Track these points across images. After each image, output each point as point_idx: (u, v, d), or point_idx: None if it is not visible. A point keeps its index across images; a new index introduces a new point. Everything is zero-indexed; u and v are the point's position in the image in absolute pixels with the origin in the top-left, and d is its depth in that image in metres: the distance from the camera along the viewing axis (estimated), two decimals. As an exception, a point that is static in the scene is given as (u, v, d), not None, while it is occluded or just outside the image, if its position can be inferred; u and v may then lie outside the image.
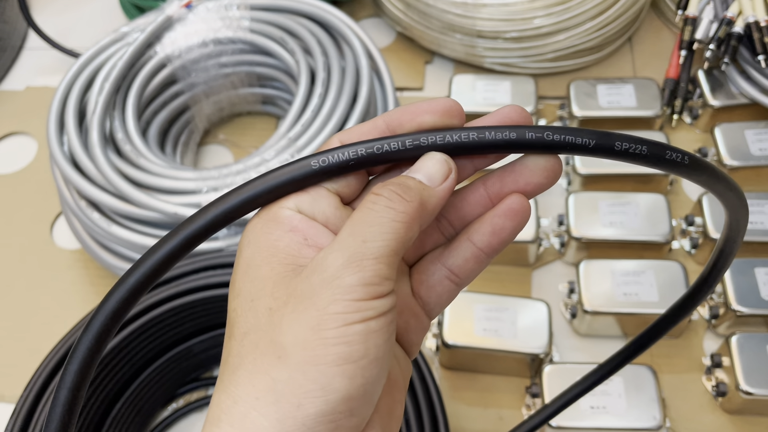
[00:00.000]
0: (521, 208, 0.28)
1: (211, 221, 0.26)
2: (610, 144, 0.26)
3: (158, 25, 0.71)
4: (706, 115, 0.73)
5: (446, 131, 0.27)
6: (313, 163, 0.26)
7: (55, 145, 0.65)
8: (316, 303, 0.23)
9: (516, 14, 0.76)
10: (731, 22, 0.71)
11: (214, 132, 0.82)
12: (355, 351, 0.23)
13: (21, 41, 0.95)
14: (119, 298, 0.25)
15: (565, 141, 0.26)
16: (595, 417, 0.54)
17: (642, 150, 0.26)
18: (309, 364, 0.23)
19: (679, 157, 0.26)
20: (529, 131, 0.26)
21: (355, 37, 0.70)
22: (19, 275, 0.72)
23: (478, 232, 0.29)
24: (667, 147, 0.26)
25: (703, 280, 0.34)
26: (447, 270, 0.29)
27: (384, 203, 0.25)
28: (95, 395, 0.54)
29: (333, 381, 0.23)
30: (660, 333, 0.39)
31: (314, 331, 0.23)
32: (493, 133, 0.26)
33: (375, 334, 0.24)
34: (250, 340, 0.24)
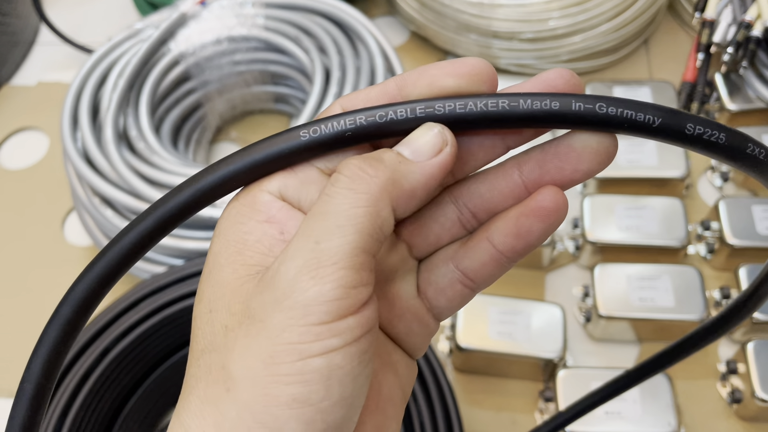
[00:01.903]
0: (555, 206, 0.23)
1: (183, 203, 0.22)
2: (680, 125, 0.21)
3: (173, 21, 0.71)
4: (723, 119, 0.73)
5: (469, 98, 0.21)
6: (303, 133, 0.22)
7: (68, 142, 0.65)
8: (267, 329, 0.19)
9: (532, 15, 0.76)
10: (750, 25, 0.70)
11: (227, 130, 0.82)
12: (314, 392, 0.19)
13: (33, 36, 0.95)
14: (86, 288, 0.22)
15: (623, 116, 0.21)
16: (609, 422, 0.54)
17: (719, 138, 0.21)
18: (258, 405, 0.19)
19: (763, 154, 0.21)
20: (577, 101, 0.21)
21: (371, 36, 0.69)
22: (29, 271, 0.72)
23: (500, 232, 0.24)
24: (750, 139, 0.21)
25: (741, 304, 0.30)
26: (460, 273, 0.25)
27: (343, 185, 0.20)
28: (107, 394, 0.54)
29: (285, 426, 0.19)
30: (684, 353, 0.34)
31: (266, 365, 0.19)
32: (529, 102, 0.21)
33: (340, 371, 0.19)
34: (205, 361, 0.21)
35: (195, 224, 0.61)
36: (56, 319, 0.22)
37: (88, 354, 0.53)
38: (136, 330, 0.54)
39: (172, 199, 0.22)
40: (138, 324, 0.54)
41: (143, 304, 0.55)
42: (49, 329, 0.22)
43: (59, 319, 0.22)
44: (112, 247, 0.22)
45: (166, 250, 0.62)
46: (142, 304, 0.55)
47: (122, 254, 0.22)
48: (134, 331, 0.54)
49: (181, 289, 0.56)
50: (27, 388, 0.22)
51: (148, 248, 0.22)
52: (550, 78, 0.22)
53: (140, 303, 0.55)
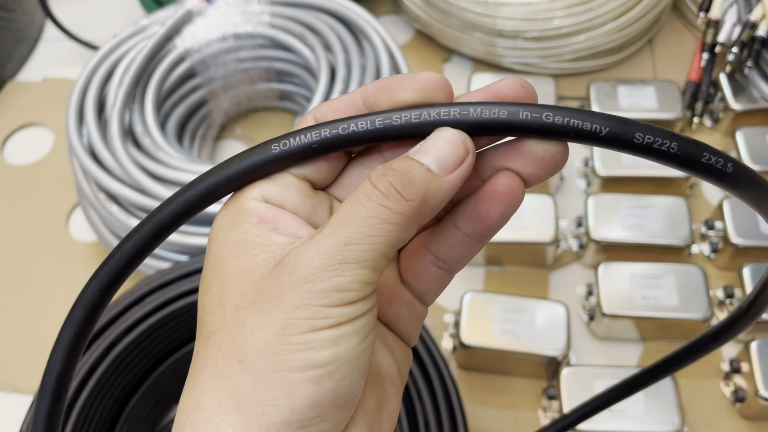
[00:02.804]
0: (509, 190, 0.24)
1: (172, 215, 0.24)
2: (628, 135, 0.21)
3: (178, 18, 0.71)
4: (727, 119, 0.73)
5: (423, 108, 0.23)
6: (274, 147, 0.24)
7: (74, 137, 0.65)
8: (282, 305, 0.21)
9: (537, 14, 0.76)
10: (755, 25, 0.70)
11: (231, 127, 0.82)
12: (322, 356, 0.21)
13: (38, 32, 0.95)
14: (96, 288, 0.25)
15: (570, 125, 0.22)
16: (613, 420, 0.54)
17: (671, 147, 0.21)
18: (271, 371, 0.21)
19: (720, 163, 0.21)
20: (525, 110, 0.22)
21: (376, 35, 0.69)
22: (34, 267, 0.72)
23: (463, 216, 0.25)
24: (705, 148, 0.22)
25: (744, 311, 0.29)
26: (432, 256, 0.27)
27: (378, 200, 0.22)
28: (112, 388, 0.54)
29: (298, 387, 0.21)
30: (688, 359, 0.34)
31: (277, 335, 0.21)
32: (479, 110, 0.22)
33: (345, 339, 0.22)
34: (215, 340, 0.23)
35: (199, 221, 0.61)
36: (79, 302, 0.24)
37: (94, 348, 0.53)
38: (141, 325, 0.54)
39: (165, 209, 0.24)
40: (143, 319, 0.55)
41: (149, 300, 0.55)
42: (67, 325, 0.25)
43: (82, 303, 0.24)
44: (116, 253, 0.24)
45: (171, 246, 0.62)
46: (147, 300, 0.55)
47: (127, 257, 0.24)
48: (140, 326, 0.54)
49: (186, 284, 0.56)
50: (48, 380, 0.24)
51: (148, 252, 0.24)
52: (500, 88, 0.24)
53: (146, 298, 0.55)
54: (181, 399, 0.23)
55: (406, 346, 0.28)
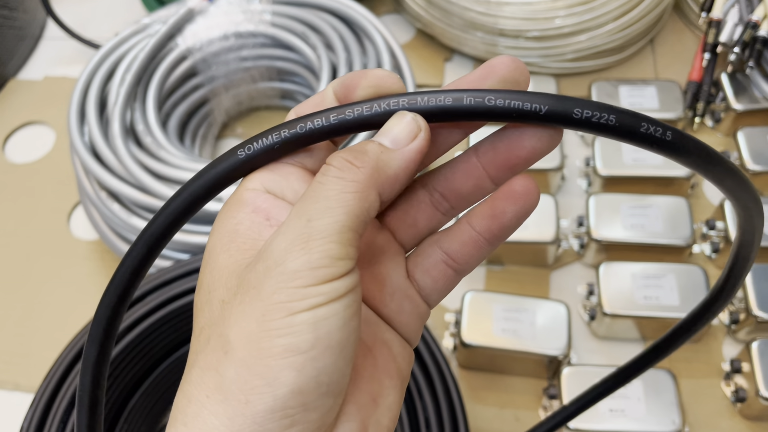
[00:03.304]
0: (525, 190, 0.25)
1: (158, 232, 0.25)
2: (567, 111, 0.22)
3: (180, 17, 0.71)
4: (729, 119, 0.73)
5: (374, 101, 0.24)
6: (240, 152, 0.25)
7: (76, 136, 0.65)
8: (260, 293, 0.22)
9: (538, 13, 0.76)
10: (756, 25, 0.70)
11: (232, 125, 0.82)
12: (303, 341, 0.21)
13: (40, 31, 0.95)
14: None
15: (510, 107, 0.23)
16: (614, 420, 0.54)
17: (609, 119, 0.22)
18: (254, 358, 0.21)
19: (659, 132, 0.22)
20: (468, 96, 0.23)
21: (378, 34, 0.69)
22: (35, 265, 0.72)
23: (478, 215, 0.26)
24: (644, 118, 0.22)
25: (720, 289, 0.31)
26: (443, 254, 0.27)
27: (333, 174, 0.23)
28: (113, 387, 0.54)
29: (280, 374, 0.21)
30: (679, 340, 0.36)
31: (259, 323, 0.22)
32: (426, 99, 0.24)
33: (326, 321, 0.21)
34: (205, 335, 0.23)
35: (200, 219, 0.61)
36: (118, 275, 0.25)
37: (95, 347, 0.53)
38: (142, 323, 0.54)
39: (155, 223, 0.25)
40: (144, 317, 0.55)
41: (150, 298, 0.55)
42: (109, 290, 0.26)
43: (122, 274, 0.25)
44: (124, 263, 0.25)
45: (173, 244, 0.62)
46: (148, 298, 0.55)
47: (132, 268, 0.26)
48: (141, 325, 0.54)
49: (187, 283, 0.56)
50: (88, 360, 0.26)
51: (150, 261, 0.26)
52: (493, 64, 0.24)
53: (147, 297, 0.55)
54: (176, 395, 0.24)
55: (407, 345, 0.28)
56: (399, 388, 0.26)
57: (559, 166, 0.68)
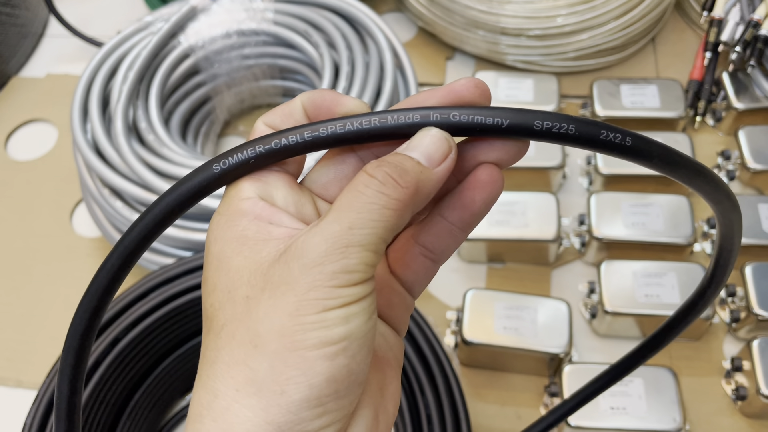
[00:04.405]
0: (490, 179, 0.26)
1: (132, 245, 0.26)
2: (527, 123, 0.23)
3: (182, 15, 0.71)
4: (730, 118, 0.73)
5: (347, 119, 0.25)
6: (215, 167, 0.26)
7: (78, 133, 0.65)
8: (294, 288, 0.23)
9: (540, 12, 0.76)
10: (758, 24, 0.70)
11: (234, 123, 0.82)
12: (335, 333, 0.23)
13: (42, 28, 0.95)
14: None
15: (474, 122, 0.24)
16: (615, 418, 0.54)
17: (569, 129, 0.23)
18: (288, 350, 0.22)
19: (619, 138, 0.23)
20: (435, 112, 0.24)
21: (380, 32, 0.70)
22: (38, 262, 0.72)
23: (449, 206, 0.27)
24: (602, 126, 0.23)
25: (709, 280, 0.32)
26: (421, 246, 0.28)
27: (376, 188, 0.23)
28: (116, 384, 0.54)
29: (315, 365, 0.22)
30: (673, 333, 0.37)
31: (292, 316, 0.23)
32: (396, 117, 0.25)
33: (355, 317, 0.23)
34: (227, 331, 0.24)
35: (201, 216, 0.62)
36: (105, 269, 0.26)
37: (98, 343, 0.53)
38: (145, 320, 0.54)
39: (129, 235, 0.26)
40: (147, 314, 0.55)
41: (152, 295, 0.55)
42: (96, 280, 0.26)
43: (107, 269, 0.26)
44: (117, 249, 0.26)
45: (175, 241, 0.62)
46: (151, 295, 0.55)
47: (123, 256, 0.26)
48: (144, 322, 0.54)
49: (190, 280, 0.56)
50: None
51: (125, 273, 0.26)
52: (455, 88, 0.26)
53: (150, 294, 0.56)
54: (193, 393, 0.24)
55: (397, 335, 0.29)
56: (397, 376, 0.28)
57: (560, 164, 0.68)
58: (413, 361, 0.52)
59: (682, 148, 0.68)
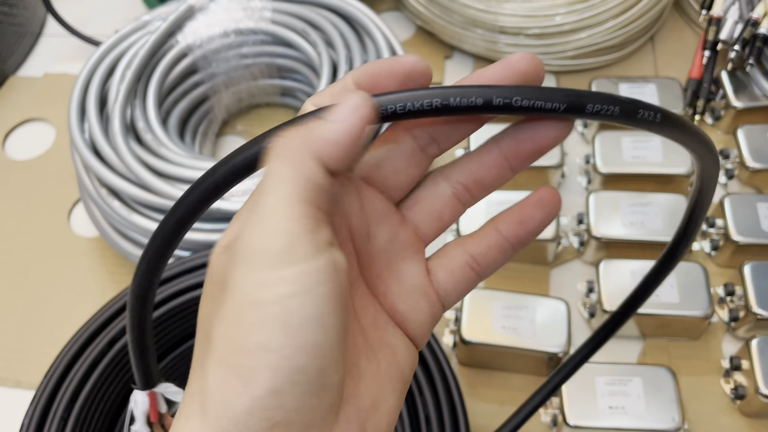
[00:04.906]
0: (551, 198, 0.28)
1: (195, 201, 0.27)
2: (581, 106, 0.25)
3: (180, 14, 0.71)
4: (729, 117, 0.73)
5: (406, 94, 0.25)
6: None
7: (76, 133, 0.65)
8: (232, 289, 0.21)
9: (538, 11, 0.76)
10: (757, 23, 0.70)
11: (233, 123, 0.82)
12: (274, 339, 0.20)
13: (40, 27, 0.95)
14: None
15: (534, 106, 0.25)
16: (613, 417, 0.54)
17: (614, 111, 0.25)
18: (231, 357, 0.21)
19: (651, 116, 0.26)
20: (498, 96, 0.25)
21: (378, 31, 0.69)
22: (35, 262, 0.72)
23: (506, 220, 0.28)
24: (640, 105, 0.26)
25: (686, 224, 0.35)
26: (469, 256, 0.28)
27: (272, 155, 0.22)
28: (114, 384, 0.54)
29: (256, 373, 0.20)
30: (650, 289, 0.41)
31: (233, 320, 0.21)
32: (458, 99, 0.25)
33: (297, 317, 0.20)
34: (199, 337, 0.24)
35: (202, 217, 0.61)
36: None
37: (96, 343, 0.53)
38: (143, 320, 0.54)
39: (196, 189, 0.27)
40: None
41: (150, 295, 0.55)
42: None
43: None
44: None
45: (173, 241, 0.62)
46: (149, 295, 0.55)
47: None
48: (141, 322, 0.54)
49: (189, 280, 0.56)
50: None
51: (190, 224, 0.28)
52: (513, 60, 0.25)
53: (147, 294, 0.55)
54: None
55: (413, 349, 0.27)
56: (401, 391, 0.26)
57: (559, 163, 0.68)
58: (412, 360, 0.52)
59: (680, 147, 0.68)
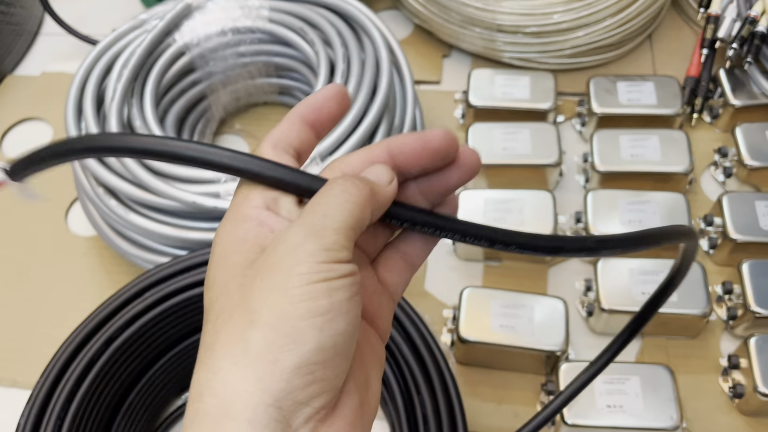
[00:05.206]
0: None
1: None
2: (559, 248, 0.29)
3: (177, 12, 0.71)
4: (727, 115, 0.73)
5: (428, 218, 0.30)
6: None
7: (73, 132, 0.65)
8: (281, 268, 0.25)
9: (536, 9, 0.76)
10: (755, 20, 0.70)
11: (230, 122, 0.82)
12: (321, 306, 0.25)
13: (37, 26, 0.95)
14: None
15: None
16: (612, 416, 0.54)
17: (590, 247, 0.30)
18: (279, 321, 0.25)
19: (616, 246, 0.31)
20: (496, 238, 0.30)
21: (376, 30, 0.69)
22: (33, 261, 0.72)
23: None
24: (608, 244, 0.30)
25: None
26: (401, 252, 0.33)
27: (340, 187, 0.27)
28: (111, 383, 0.54)
29: (304, 333, 0.24)
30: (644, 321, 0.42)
31: (281, 291, 0.25)
32: (470, 239, 0.29)
33: (338, 292, 0.25)
34: (224, 317, 0.26)
35: (198, 215, 0.61)
36: None
37: (93, 342, 0.53)
38: (140, 319, 0.54)
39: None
40: (142, 313, 0.54)
41: (147, 294, 0.55)
42: None
43: None
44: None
45: (170, 240, 0.62)
46: (146, 294, 0.55)
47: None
48: (139, 321, 0.54)
49: (185, 279, 0.56)
50: None
51: None
52: (429, 136, 0.30)
53: (144, 292, 0.55)
54: (193, 377, 0.26)
55: (380, 342, 0.32)
56: (379, 378, 0.31)
57: (557, 162, 0.68)
58: (409, 359, 0.52)
59: (679, 144, 0.68)
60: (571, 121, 0.77)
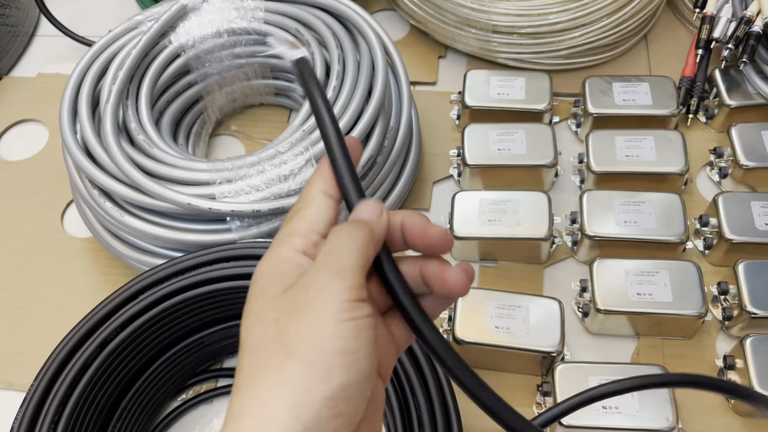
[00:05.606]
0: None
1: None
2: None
3: (173, 14, 0.70)
4: (722, 115, 0.73)
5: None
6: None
7: (68, 134, 0.65)
8: (314, 307, 0.29)
9: (532, 10, 0.76)
10: (750, 20, 0.70)
11: (226, 123, 0.82)
12: (350, 345, 0.28)
13: (33, 28, 0.95)
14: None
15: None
16: (607, 417, 0.54)
17: None
18: (314, 357, 0.27)
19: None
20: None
21: (371, 31, 0.69)
22: (29, 263, 0.72)
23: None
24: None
25: None
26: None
27: (345, 232, 0.31)
28: (106, 385, 0.54)
29: (334, 370, 0.27)
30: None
31: (315, 329, 0.28)
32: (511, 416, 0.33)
33: (364, 332, 0.28)
34: (262, 348, 0.29)
35: (193, 218, 0.61)
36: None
37: (88, 344, 0.53)
38: (135, 322, 0.54)
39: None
40: (138, 316, 0.54)
41: (143, 296, 0.55)
42: None
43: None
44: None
45: (165, 242, 0.62)
46: (141, 296, 0.55)
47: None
48: (134, 323, 0.54)
49: (181, 281, 0.56)
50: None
51: None
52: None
53: (139, 295, 0.55)
54: (232, 401, 0.29)
55: (383, 387, 0.34)
56: (381, 418, 0.34)
57: (552, 162, 0.68)
58: (404, 360, 0.52)
59: (675, 145, 0.68)
60: (567, 121, 0.77)
